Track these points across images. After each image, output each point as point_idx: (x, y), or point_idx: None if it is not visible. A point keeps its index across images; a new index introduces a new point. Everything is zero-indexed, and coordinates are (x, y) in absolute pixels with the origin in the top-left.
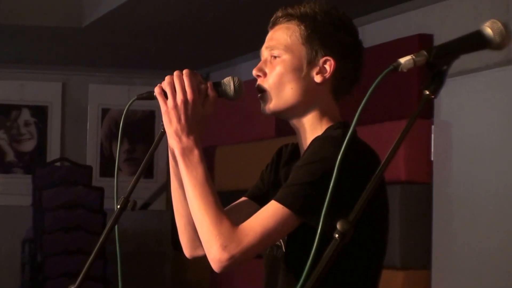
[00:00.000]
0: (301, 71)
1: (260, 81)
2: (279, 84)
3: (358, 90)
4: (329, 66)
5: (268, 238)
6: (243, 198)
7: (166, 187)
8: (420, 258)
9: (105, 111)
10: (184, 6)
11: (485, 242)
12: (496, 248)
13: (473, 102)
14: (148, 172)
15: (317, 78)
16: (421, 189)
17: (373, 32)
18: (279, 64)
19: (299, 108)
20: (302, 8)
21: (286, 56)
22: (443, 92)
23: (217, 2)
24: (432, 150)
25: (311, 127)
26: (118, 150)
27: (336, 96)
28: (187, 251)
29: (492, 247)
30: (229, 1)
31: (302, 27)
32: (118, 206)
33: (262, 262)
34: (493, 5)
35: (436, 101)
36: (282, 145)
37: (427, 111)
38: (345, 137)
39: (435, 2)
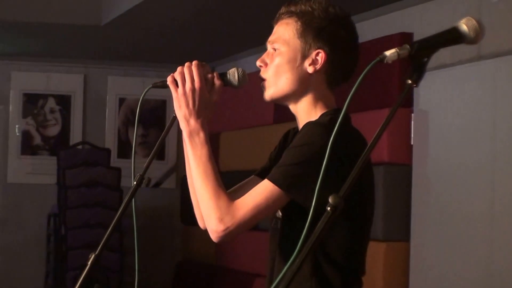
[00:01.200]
0: (296, 62)
1: (262, 71)
2: (276, 74)
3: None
4: (321, 58)
5: (259, 212)
6: (252, 176)
7: (176, 168)
8: (400, 231)
9: (122, 100)
10: (192, 7)
11: (458, 216)
12: (468, 221)
13: (448, 93)
14: (160, 155)
15: (310, 69)
16: (401, 170)
17: (361, 30)
18: (277, 56)
19: (293, 95)
20: (302, 6)
21: (283, 49)
22: (422, 84)
23: (223, 3)
24: (412, 135)
25: (306, 113)
26: (134, 135)
27: (330, 85)
28: (200, 223)
29: (464, 220)
30: (233, 2)
31: (299, 23)
32: (135, 183)
33: (261, 235)
34: (466, 6)
35: (415, 92)
36: (289, 129)
37: (407, 101)
38: (333, 123)
39: (415, 4)
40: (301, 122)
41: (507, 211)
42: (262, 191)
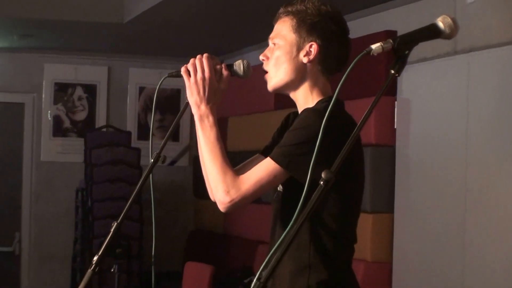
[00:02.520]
0: (292, 54)
1: (264, 64)
2: (276, 65)
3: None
4: (314, 49)
5: (261, 186)
6: (257, 154)
7: (189, 148)
8: (385, 204)
9: (141, 89)
10: (204, 7)
11: (436, 190)
12: (444, 194)
13: (427, 84)
14: (175, 136)
15: (304, 59)
16: (386, 151)
17: (350, 28)
18: (277, 49)
19: (292, 84)
20: (297, 5)
21: (281, 43)
22: (404, 76)
23: (230, 5)
24: (395, 120)
25: (304, 99)
26: (152, 119)
27: (325, 74)
28: (211, 196)
29: (441, 194)
30: (240, 4)
31: (294, 20)
32: (152, 160)
33: (263, 207)
34: (444, 7)
35: (398, 82)
36: (290, 112)
37: (391, 90)
38: (328, 107)
39: (398, 6)
40: (300, 107)
41: (478, 186)
42: (264, 168)
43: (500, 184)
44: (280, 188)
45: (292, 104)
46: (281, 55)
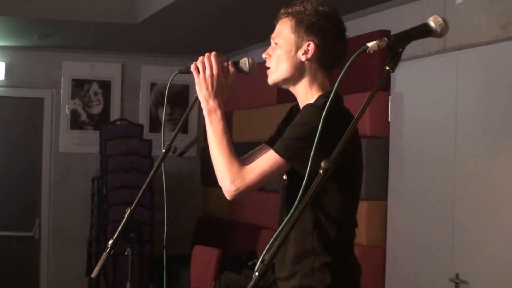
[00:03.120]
0: (291, 52)
1: (267, 62)
2: (277, 62)
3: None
4: (311, 48)
5: (265, 177)
6: (262, 144)
7: (197, 140)
8: (379, 192)
9: (153, 85)
10: (211, 8)
11: (426, 179)
12: (434, 183)
13: (419, 79)
14: (184, 129)
15: (303, 58)
16: (381, 142)
17: (347, 28)
18: (277, 48)
19: (291, 79)
20: (296, 7)
21: (281, 43)
22: (398, 72)
23: (236, 6)
24: (389, 113)
25: (304, 94)
26: (164, 113)
27: (323, 71)
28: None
29: (431, 182)
30: (244, 6)
31: (293, 21)
32: (164, 150)
33: (266, 195)
34: (434, 7)
35: (392, 78)
36: (293, 105)
37: (385, 85)
38: (327, 103)
39: (392, 7)
40: (301, 102)
41: (466, 175)
42: (268, 159)
43: (486, 173)
44: (285, 177)
45: (293, 98)
46: (281, 54)
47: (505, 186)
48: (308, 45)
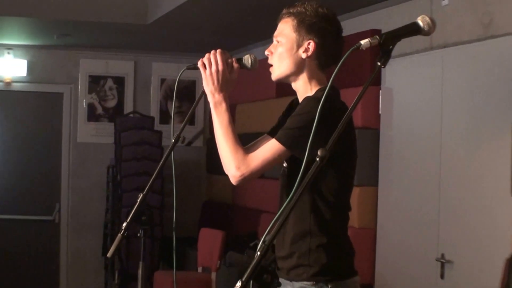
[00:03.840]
0: (293, 50)
1: (269, 59)
2: (279, 60)
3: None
4: (311, 47)
5: (267, 163)
6: (264, 135)
7: (203, 131)
8: (370, 178)
9: (162, 80)
10: (216, 9)
11: (414, 167)
12: (421, 170)
13: (407, 75)
14: (191, 121)
15: (303, 55)
16: (372, 133)
17: (342, 27)
18: (279, 46)
19: (292, 75)
20: (297, 8)
21: (283, 41)
22: (388, 68)
23: (239, 8)
24: (380, 106)
25: (303, 88)
26: (173, 106)
27: (321, 67)
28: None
29: (418, 170)
30: (247, 7)
31: (295, 21)
32: (173, 140)
33: (267, 181)
34: (422, 8)
35: (382, 74)
36: (293, 99)
37: (376, 80)
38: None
39: (382, 8)
40: (300, 96)
41: (450, 164)
42: (270, 148)
43: (469, 161)
44: (285, 164)
45: (291, 92)
46: (283, 51)
47: (486, 173)
48: (309, 44)
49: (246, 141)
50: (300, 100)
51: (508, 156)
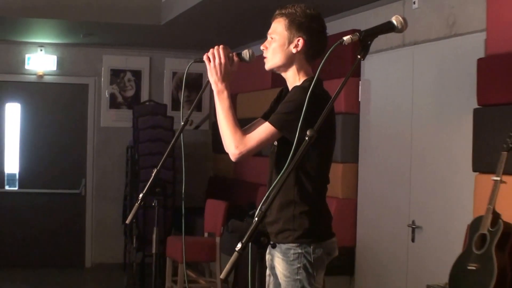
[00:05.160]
0: (284, 46)
1: (264, 52)
2: (273, 53)
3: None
4: (301, 43)
5: (261, 143)
6: (259, 118)
7: (209, 116)
8: (352, 156)
9: (174, 73)
10: (218, 14)
11: (388, 146)
12: (394, 149)
13: (382, 68)
14: (198, 107)
15: (293, 50)
16: (353, 117)
17: (327, 28)
18: (273, 42)
19: (283, 67)
20: (289, 9)
21: (277, 38)
22: (366, 63)
23: (239, 11)
24: (360, 95)
25: (292, 78)
26: (182, 95)
27: (308, 60)
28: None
29: (392, 149)
30: (245, 11)
31: (287, 20)
32: (182, 123)
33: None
34: (396, 10)
35: (362, 67)
36: (283, 87)
37: (356, 73)
38: (311, 86)
39: (362, 11)
40: (290, 84)
41: (420, 143)
42: (264, 130)
43: (435, 140)
44: (275, 143)
45: (284, 83)
46: (276, 47)
47: (451, 151)
48: (298, 40)
49: (245, 124)
50: (290, 88)
51: (470, 137)
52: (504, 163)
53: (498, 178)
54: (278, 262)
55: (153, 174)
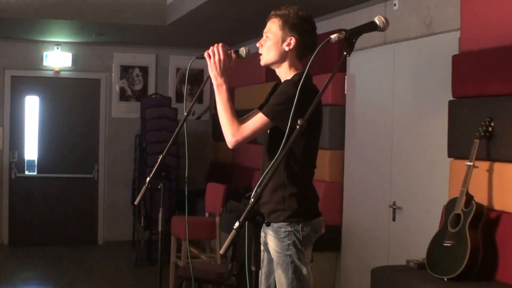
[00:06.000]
0: (278, 44)
1: (260, 49)
2: (267, 51)
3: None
4: (293, 42)
5: (255, 132)
6: (255, 110)
7: (209, 108)
8: (339, 143)
9: (178, 69)
10: (219, 15)
11: (371, 135)
12: (377, 138)
13: (366, 64)
14: (199, 100)
15: (286, 48)
16: (339, 109)
17: (317, 27)
18: (268, 40)
19: (276, 63)
20: (283, 10)
21: (271, 36)
22: (351, 59)
23: (238, 13)
24: (345, 87)
25: (285, 73)
26: (185, 89)
27: (299, 57)
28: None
29: (375, 137)
30: (243, 13)
31: (280, 21)
32: (185, 113)
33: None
34: (378, 12)
35: (347, 63)
36: (276, 82)
37: (343, 68)
38: (301, 80)
39: (347, 13)
40: (282, 79)
41: (400, 132)
42: (258, 120)
43: (414, 128)
44: (268, 132)
45: (278, 78)
46: (271, 45)
47: (428, 139)
48: (291, 39)
49: (242, 115)
50: (282, 82)
51: (445, 126)
52: (476, 149)
53: (471, 163)
54: (271, 239)
55: (159, 160)
